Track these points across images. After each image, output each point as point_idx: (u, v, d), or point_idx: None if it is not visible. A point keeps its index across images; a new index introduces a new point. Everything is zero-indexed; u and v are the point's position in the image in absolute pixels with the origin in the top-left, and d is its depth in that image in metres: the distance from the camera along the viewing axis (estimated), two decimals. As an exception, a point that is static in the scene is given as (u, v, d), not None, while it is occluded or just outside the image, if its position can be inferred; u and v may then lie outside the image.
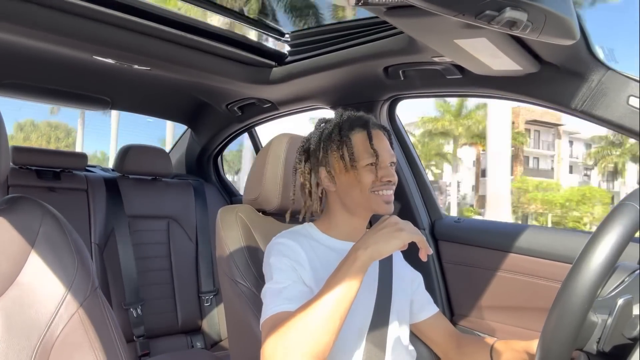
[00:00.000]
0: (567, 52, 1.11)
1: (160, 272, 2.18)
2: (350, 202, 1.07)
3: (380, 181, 1.03)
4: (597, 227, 0.64)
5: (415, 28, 1.05)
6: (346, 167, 1.04)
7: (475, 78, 1.35)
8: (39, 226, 0.80)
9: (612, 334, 0.65)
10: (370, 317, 1.02)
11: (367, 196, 1.04)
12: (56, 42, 1.42)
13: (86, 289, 0.80)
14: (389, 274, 1.10)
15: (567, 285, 0.63)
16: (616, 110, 1.15)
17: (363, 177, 1.03)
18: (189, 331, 2.22)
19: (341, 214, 1.10)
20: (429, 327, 1.19)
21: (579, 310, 0.61)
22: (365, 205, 1.05)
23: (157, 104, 2.52)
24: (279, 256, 0.99)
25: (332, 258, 1.02)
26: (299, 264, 0.98)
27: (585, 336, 0.67)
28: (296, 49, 1.68)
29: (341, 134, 1.06)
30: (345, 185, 1.06)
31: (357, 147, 1.05)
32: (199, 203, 2.40)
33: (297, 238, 1.03)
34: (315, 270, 0.99)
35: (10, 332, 0.73)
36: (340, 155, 1.05)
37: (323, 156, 1.08)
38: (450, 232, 1.68)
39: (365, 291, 1.03)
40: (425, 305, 1.20)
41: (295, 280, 0.94)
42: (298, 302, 0.85)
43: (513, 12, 0.75)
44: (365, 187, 1.03)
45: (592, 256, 0.61)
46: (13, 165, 2.03)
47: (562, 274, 0.67)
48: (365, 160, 1.03)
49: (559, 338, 0.62)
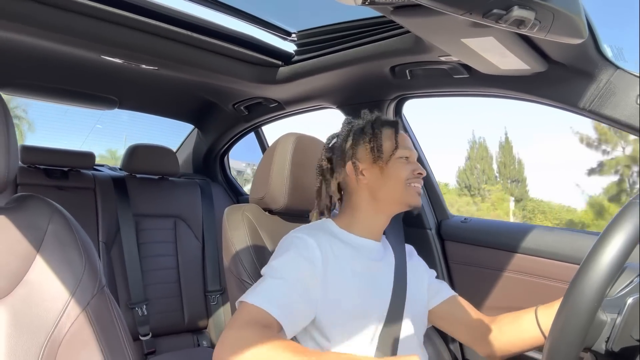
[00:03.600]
0: (576, 51, 1.10)
1: (167, 271, 2.19)
2: (383, 195, 1.08)
3: (413, 174, 1.08)
4: (607, 226, 0.64)
5: (422, 27, 1.05)
6: (375, 158, 1.08)
7: (483, 77, 1.34)
8: (47, 224, 0.81)
9: (621, 333, 0.64)
10: (383, 322, 1.01)
11: (402, 188, 1.07)
12: (64, 42, 1.43)
13: (93, 287, 0.80)
14: (403, 280, 1.09)
15: (576, 283, 0.62)
16: (625, 109, 1.13)
17: (397, 169, 1.08)
18: (195, 330, 2.23)
19: (366, 209, 1.11)
20: (448, 311, 1.17)
21: (589, 308, 0.60)
22: (398, 198, 1.08)
23: (164, 104, 2.53)
24: (292, 249, 0.99)
25: (347, 252, 1.03)
26: (311, 262, 0.97)
27: (594, 335, 0.66)
28: (303, 49, 1.68)
29: (374, 126, 1.11)
30: (377, 177, 1.08)
31: (390, 141, 1.10)
32: (205, 202, 2.41)
33: (315, 233, 1.04)
34: (326, 264, 0.99)
35: (19, 330, 0.73)
36: (372, 148, 1.09)
37: (353, 150, 1.11)
38: (456, 232, 1.67)
39: (378, 297, 1.03)
40: (441, 290, 1.19)
41: (294, 283, 0.93)
42: (281, 310, 0.86)
43: (521, 10, 0.75)
44: (400, 180, 1.07)
45: (602, 254, 0.61)
46: (22, 164, 2.05)
47: (570, 274, 0.67)
48: (400, 153, 1.08)
49: (567, 336, 0.62)
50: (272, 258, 1.02)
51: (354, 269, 1.02)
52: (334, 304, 0.97)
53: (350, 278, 1.00)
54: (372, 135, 1.10)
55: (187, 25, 1.47)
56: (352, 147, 1.12)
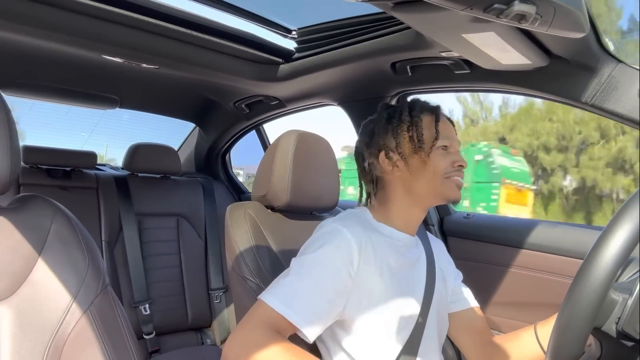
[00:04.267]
0: (577, 45, 1.10)
1: (170, 270, 2.20)
2: (420, 187, 1.00)
3: (452, 166, 0.99)
4: (619, 209, 0.62)
5: (422, 23, 1.04)
6: (415, 148, 0.99)
7: (484, 73, 1.34)
8: (50, 224, 0.81)
9: (632, 314, 0.64)
10: (414, 323, 0.98)
11: (441, 181, 0.99)
12: (65, 42, 1.43)
13: (97, 286, 0.81)
14: (433, 279, 1.06)
15: (590, 260, 0.61)
16: (627, 103, 1.13)
17: (436, 160, 0.99)
18: (199, 328, 2.24)
19: (401, 202, 1.04)
20: (464, 321, 1.13)
21: (601, 285, 0.60)
22: (436, 191, 1.00)
23: (165, 103, 2.53)
24: (328, 244, 0.92)
25: (383, 248, 0.98)
26: (347, 261, 0.91)
27: (605, 313, 0.65)
28: (303, 46, 1.68)
29: (412, 114, 1.02)
30: (415, 169, 1.00)
31: (429, 130, 1.00)
32: (207, 200, 2.41)
33: (353, 226, 0.96)
34: (362, 262, 0.93)
35: (23, 330, 0.73)
36: (410, 136, 1.00)
37: (391, 138, 1.02)
38: (459, 227, 1.67)
39: (411, 296, 1.00)
40: (464, 297, 1.14)
41: (323, 284, 0.89)
42: (301, 314, 0.84)
43: (522, 5, 0.74)
44: (439, 172, 0.98)
45: (616, 232, 0.60)
46: (24, 165, 2.06)
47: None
48: (440, 142, 0.99)
49: (578, 314, 0.61)
50: (305, 249, 0.96)
51: (389, 265, 0.97)
52: (364, 302, 0.93)
53: (384, 276, 0.95)
54: (410, 123, 1.00)
55: (188, 23, 1.47)
56: (388, 135, 1.03)
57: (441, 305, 1.08)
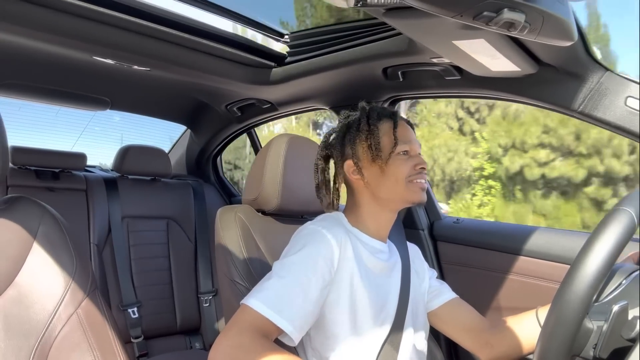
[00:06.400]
0: (565, 53, 1.11)
1: (159, 273, 2.18)
2: (384, 194, 1.02)
3: (414, 169, 1.01)
4: (591, 234, 0.64)
5: (413, 29, 1.05)
6: (373, 157, 1.00)
7: (474, 79, 1.35)
8: (38, 226, 0.80)
9: (608, 339, 0.65)
10: (390, 325, 0.99)
11: (404, 186, 1.00)
12: (56, 43, 1.42)
13: (85, 289, 0.80)
14: (407, 283, 1.07)
15: (562, 294, 0.63)
16: (615, 111, 1.15)
17: (397, 166, 1.00)
18: (188, 332, 2.22)
19: (369, 207, 1.05)
20: (449, 314, 1.13)
21: (574, 318, 0.62)
22: (400, 196, 1.01)
23: (157, 105, 2.52)
24: (309, 245, 0.94)
25: (360, 251, 0.99)
26: (328, 261, 0.93)
27: (581, 343, 0.66)
28: (295, 50, 1.69)
29: (369, 123, 1.03)
30: (377, 176, 1.01)
31: (388, 136, 1.01)
32: (198, 203, 2.40)
33: (333, 228, 0.97)
34: (341, 263, 0.95)
35: (9, 333, 0.73)
36: (369, 145, 1.01)
37: (350, 148, 1.04)
38: (449, 232, 1.68)
39: (387, 300, 1.01)
40: (441, 291, 1.15)
41: (306, 284, 0.89)
42: (286, 316, 0.84)
43: (511, 13, 0.75)
44: (401, 177, 1.00)
45: (585, 264, 0.62)
46: (12, 166, 2.03)
47: (561, 274, 0.67)
48: (399, 148, 1.00)
49: (555, 345, 0.63)
50: (287, 252, 0.97)
51: (366, 267, 0.99)
52: (343, 304, 0.94)
53: (362, 277, 0.96)
54: (368, 132, 1.02)
55: (180, 26, 1.47)
56: (348, 145, 1.05)
57: (419, 308, 1.09)
